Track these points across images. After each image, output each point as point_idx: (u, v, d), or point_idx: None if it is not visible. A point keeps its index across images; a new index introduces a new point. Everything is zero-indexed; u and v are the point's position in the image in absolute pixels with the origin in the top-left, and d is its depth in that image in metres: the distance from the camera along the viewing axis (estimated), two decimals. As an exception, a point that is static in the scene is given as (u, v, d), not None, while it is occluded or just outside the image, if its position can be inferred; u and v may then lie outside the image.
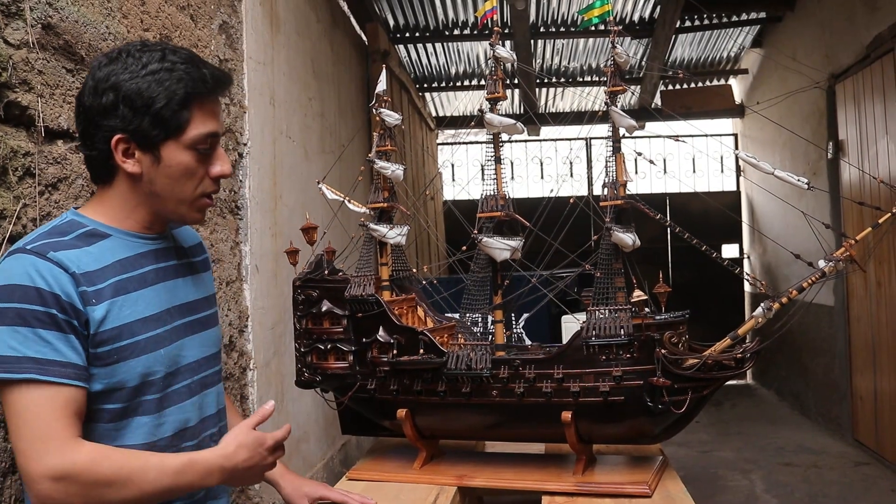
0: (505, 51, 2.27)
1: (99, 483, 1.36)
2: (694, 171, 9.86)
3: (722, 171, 9.91)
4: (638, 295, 1.98)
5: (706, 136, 9.48)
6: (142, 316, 1.50)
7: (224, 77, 1.56)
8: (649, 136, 9.09)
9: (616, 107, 2.15)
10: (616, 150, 2.13)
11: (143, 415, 1.49)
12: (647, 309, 2.01)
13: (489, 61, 2.29)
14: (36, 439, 1.34)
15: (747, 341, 2.03)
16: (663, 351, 1.96)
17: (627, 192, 2.12)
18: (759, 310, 1.95)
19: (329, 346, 2.28)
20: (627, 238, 2.04)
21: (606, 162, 2.14)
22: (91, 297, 1.42)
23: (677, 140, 2.24)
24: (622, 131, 2.15)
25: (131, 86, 1.45)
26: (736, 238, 9.72)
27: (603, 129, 2.23)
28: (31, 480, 1.34)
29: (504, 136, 2.27)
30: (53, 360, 1.36)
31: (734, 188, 9.82)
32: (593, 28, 6.95)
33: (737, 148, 9.50)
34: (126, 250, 1.52)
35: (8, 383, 1.35)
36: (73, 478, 1.34)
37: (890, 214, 1.89)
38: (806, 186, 1.98)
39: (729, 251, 9.61)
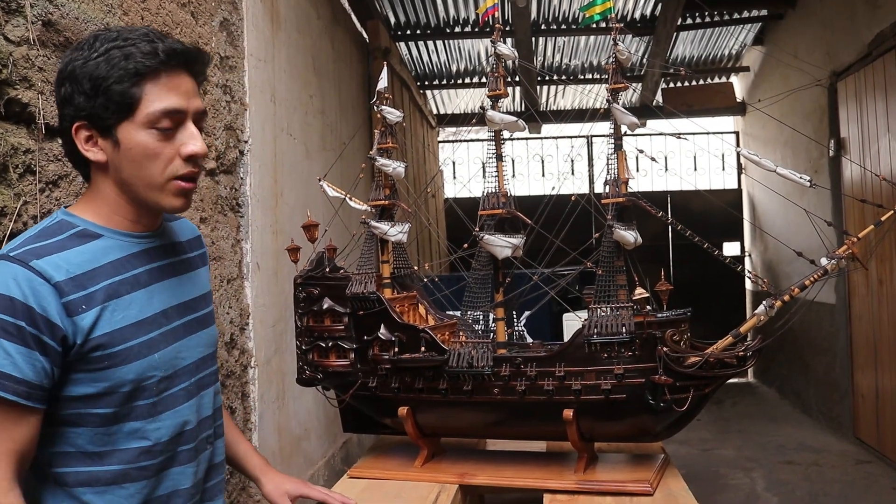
0: (506, 48, 2.27)
1: None
2: (695, 169, 9.86)
3: (723, 168, 9.90)
4: (640, 293, 1.98)
5: (707, 133, 9.47)
6: (134, 320, 1.44)
7: (186, 50, 1.45)
8: (651, 134, 9.08)
9: (618, 104, 2.15)
10: (618, 147, 2.13)
11: (136, 420, 1.45)
12: (648, 307, 2.00)
13: (490, 58, 2.29)
14: None
15: (749, 339, 2.03)
16: (665, 349, 1.95)
17: (629, 190, 2.11)
18: (761, 308, 1.95)
19: (330, 344, 2.27)
20: (629, 235, 2.04)
21: (608, 159, 2.14)
22: (80, 303, 1.37)
23: (679, 137, 2.24)
24: (624, 129, 2.15)
25: (83, 70, 1.39)
26: (737, 236, 9.71)
27: (604, 127, 2.23)
28: None
29: (505, 134, 2.27)
30: (8, 373, 1.30)
31: (735, 186, 9.81)
32: (594, 25, 6.94)
33: (738, 146, 9.49)
34: (118, 251, 1.46)
35: None
36: None
37: (892, 212, 1.89)
38: (808, 184, 1.97)
39: (730, 249, 9.61)
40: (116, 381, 1.40)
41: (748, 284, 9.47)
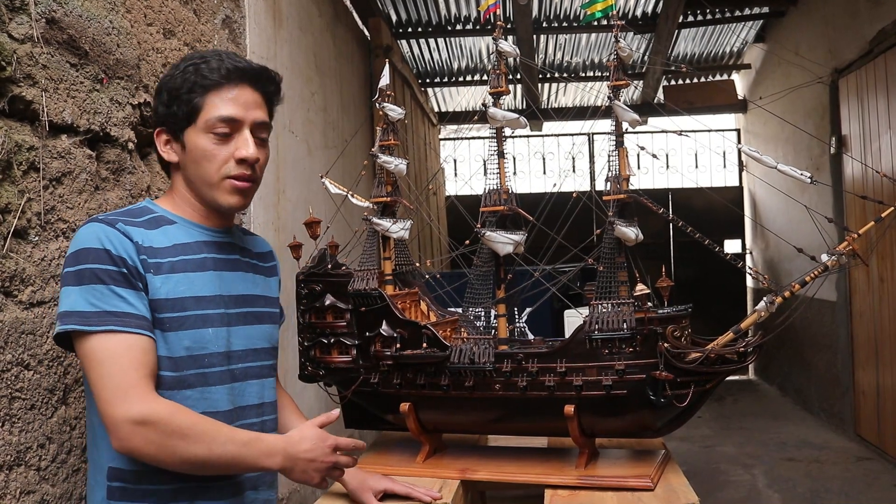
0: (508, 45, 2.27)
1: (175, 433, 1.46)
2: (696, 167, 9.86)
3: (724, 166, 9.90)
4: (640, 289, 1.98)
5: (708, 130, 9.47)
6: (194, 294, 1.61)
7: (244, 68, 1.67)
8: (652, 132, 9.08)
9: (619, 101, 2.15)
10: (619, 144, 2.14)
11: (186, 388, 1.59)
12: (649, 303, 2.01)
13: (492, 56, 2.29)
14: (118, 387, 1.46)
15: (750, 335, 2.03)
16: (666, 345, 1.95)
17: (630, 187, 2.12)
18: (761, 304, 1.95)
19: (332, 340, 2.28)
20: (630, 232, 2.05)
21: (609, 156, 2.14)
22: (151, 266, 1.56)
23: (680, 134, 2.24)
24: (625, 126, 2.15)
25: (166, 85, 1.65)
26: (738, 233, 9.72)
27: (605, 125, 2.23)
28: (115, 424, 1.45)
29: (507, 131, 2.27)
30: (130, 312, 1.50)
31: (737, 183, 9.82)
32: (596, 23, 6.93)
33: (739, 143, 9.48)
34: (188, 236, 1.66)
35: (88, 336, 1.48)
36: (153, 424, 1.45)
37: (893, 209, 1.89)
38: (808, 181, 1.98)
39: (731, 246, 9.62)
40: (172, 344, 1.57)
41: (749, 281, 9.48)
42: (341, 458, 1.70)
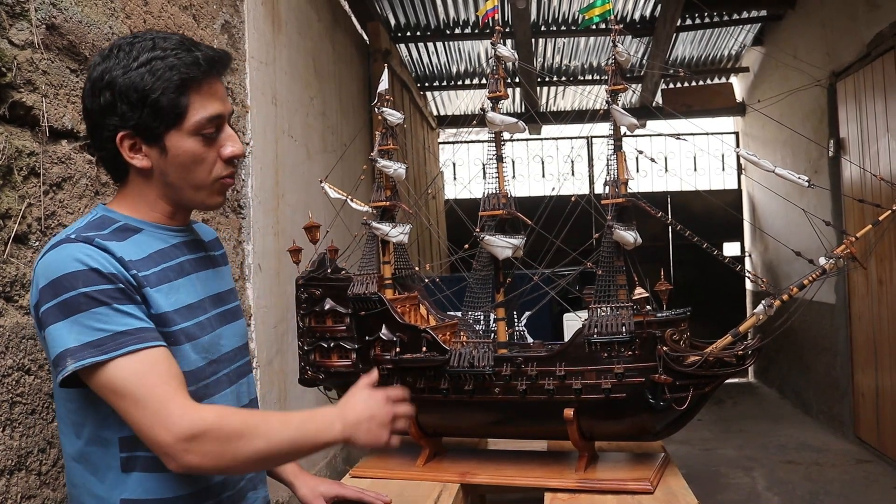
0: (506, 49, 2.28)
1: (231, 437, 1.35)
2: (695, 170, 9.87)
3: (723, 169, 9.92)
4: (639, 292, 1.99)
5: (706, 134, 9.48)
6: (185, 304, 1.50)
7: (219, 56, 1.52)
8: (651, 135, 9.10)
9: (617, 105, 2.16)
10: (617, 148, 2.14)
11: (200, 400, 1.47)
12: (648, 306, 2.01)
13: (490, 60, 2.30)
14: (155, 408, 1.32)
15: (749, 338, 2.04)
16: (665, 348, 1.96)
17: (628, 191, 2.12)
18: (759, 307, 1.96)
19: (332, 344, 2.29)
20: (629, 236, 2.05)
21: (608, 160, 2.15)
22: (142, 280, 1.42)
23: (677, 138, 2.25)
24: (623, 129, 2.16)
25: (125, 81, 1.42)
26: (737, 236, 9.72)
27: (604, 128, 2.24)
28: (167, 447, 1.32)
29: (506, 135, 2.28)
30: (142, 327, 1.37)
31: (735, 186, 9.83)
32: (594, 27, 6.95)
33: (738, 146, 9.50)
34: (160, 242, 1.52)
35: (106, 365, 1.33)
36: (205, 435, 1.33)
37: (890, 212, 1.90)
38: (806, 184, 1.98)
39: (730, 249, 9.62)
40: (181, 360, 1.44)
41: (748, 284, 9.48)
42: (399, 408, 1.58)
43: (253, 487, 1.69)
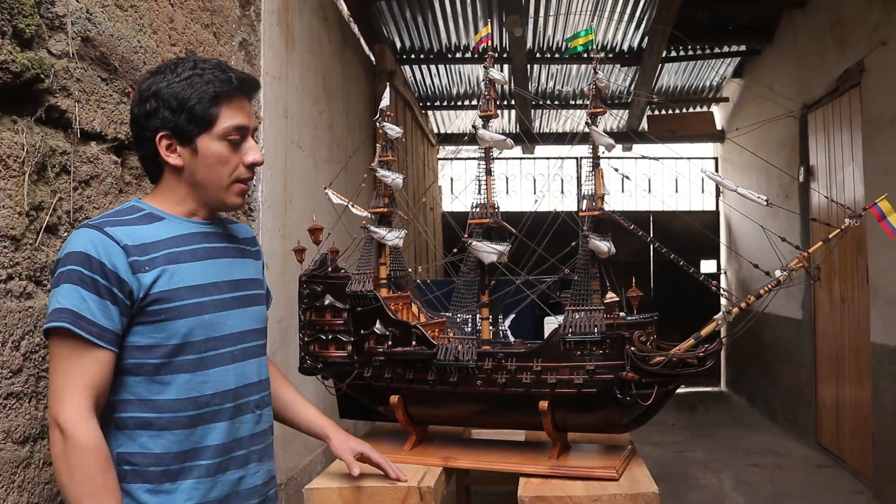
0: (498, 73, 2.35)
1: (69, 457, 1.45)
2: (676, 191, 9.95)
3: (703, 191, 10.01)
4: (610, 297, 2.06)
5: (680, 158, 9.54)
6: (189, 284, 1.61)
7: (249, 79, 1.71)
8: (625, 157, 9.19)
9: (597, 127, 2.23)
10: (595, 165, 2.22)
11: (185, 372, 1.60)
12: (619, 311, 2.08)
13: (483, 82, 2.37)
14: (59, 388, 1.49)
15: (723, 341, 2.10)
16: (632, 348, 2.03)
17: (605, 205, 2.19)
18: (719, 314, 2.03)
19: (330, 337, 2.34)
20: (603, 245, 2.12)
21: (586, 177, 2.22)
22: (143, 264, 1.55)
23: (653, 160, 2.32)
24: (602, 150, 2.23)
25: (168, 91, 1.61)
26: (715, 254, 9.80)
27: (587, 149, 2.30)
28: (50, 419, 1.49)
29: (496, 152, 2.35)
30: (85, 316, 1.49)
31: (714, 208, 9.91)
32: (584, 55, 7.03)
33: (717, 170, 9.58)
34: (178, 230, 1.66)
35: (53, 333, 1.50)
36: (65, 436, 1.46)
37: (839, 231, 1.97)
38: (765, 203, 2.06)
39: (708, 266, 9.69)
40: (169, 332, 1.58)
41: (723, 300, 9.54)
42: None
43: (258, 459, 1.75)
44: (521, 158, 10.06)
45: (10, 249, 1.63)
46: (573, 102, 8.93)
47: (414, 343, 2.24)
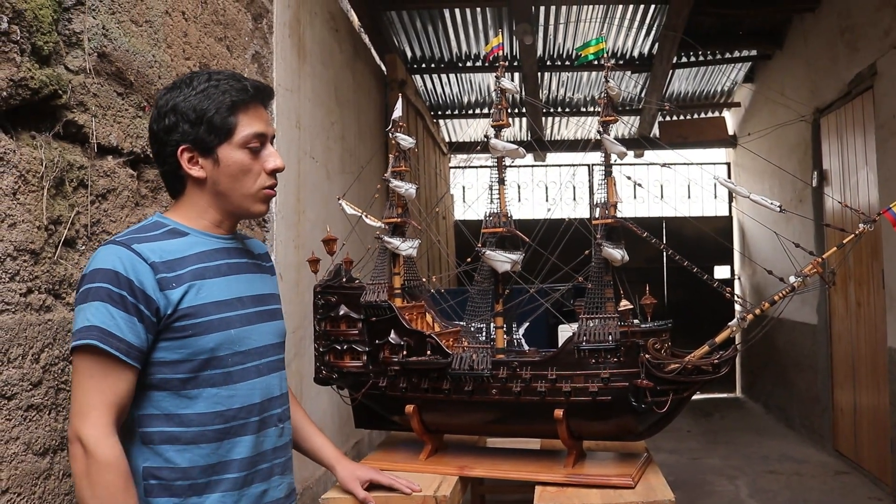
0: (509, 82, 2.36)
1: (90, 474, 1.45)
2: (689, 197, 9.92)
3: (715, 196, 9.97)
4: (624, 305, 2.06)
5: (692, 164, 9.51)
6: (215, 300, 1.62)
7: (263, 87, 1.72)
8: (636, 164, 9.16)
9: (609, 135, 2.23)
10: (608, 173, 2.22)
11: (211, 386, 1.60)
12: (633, 318, 2.08)
13: (495, 91, 2.37)
14: (82, 404, 1.48)
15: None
16: (647, 356, 2.02)
17: (618, 213, 2.19)
18: (734, 320, 2.03)
19: (345, 347, 2.34)
20: (616, 253, 2.12)
21: (598, 184, 2.22)
22: (171, 281, 1.56)
23: (664, 166, 2.32)
24: (614, 157, 2.23)
25: (186, 104, 1.63)
26: (728, 260, 9.75)
27: (600, 156, 2.30)
28: (71, 434, 1.48)
29: (508, 161, 2.35)
30: (113, 333, 1.49)
31: (726, 213, 9.87)
32: (595, 62, 7.03)
33: (729, 176, 9.55)
34: (203, 245, 1.66)
35: (79, 349, 1.49)
36: (87, 453, 1.45)
37: (853, 236, 1.96)
38: (778, 209, 2.06)
39: (721, 272, 9.64)
40: (197, 348, 1.58)
41: (736, 305, 9.47)
42: None
43: (281, 472, 1.76)
44: (532, 166, 10.07)
45: (30, 263, 1.65)
46: (584, 109, 8.93)
47: (429, 352, 2.24)
